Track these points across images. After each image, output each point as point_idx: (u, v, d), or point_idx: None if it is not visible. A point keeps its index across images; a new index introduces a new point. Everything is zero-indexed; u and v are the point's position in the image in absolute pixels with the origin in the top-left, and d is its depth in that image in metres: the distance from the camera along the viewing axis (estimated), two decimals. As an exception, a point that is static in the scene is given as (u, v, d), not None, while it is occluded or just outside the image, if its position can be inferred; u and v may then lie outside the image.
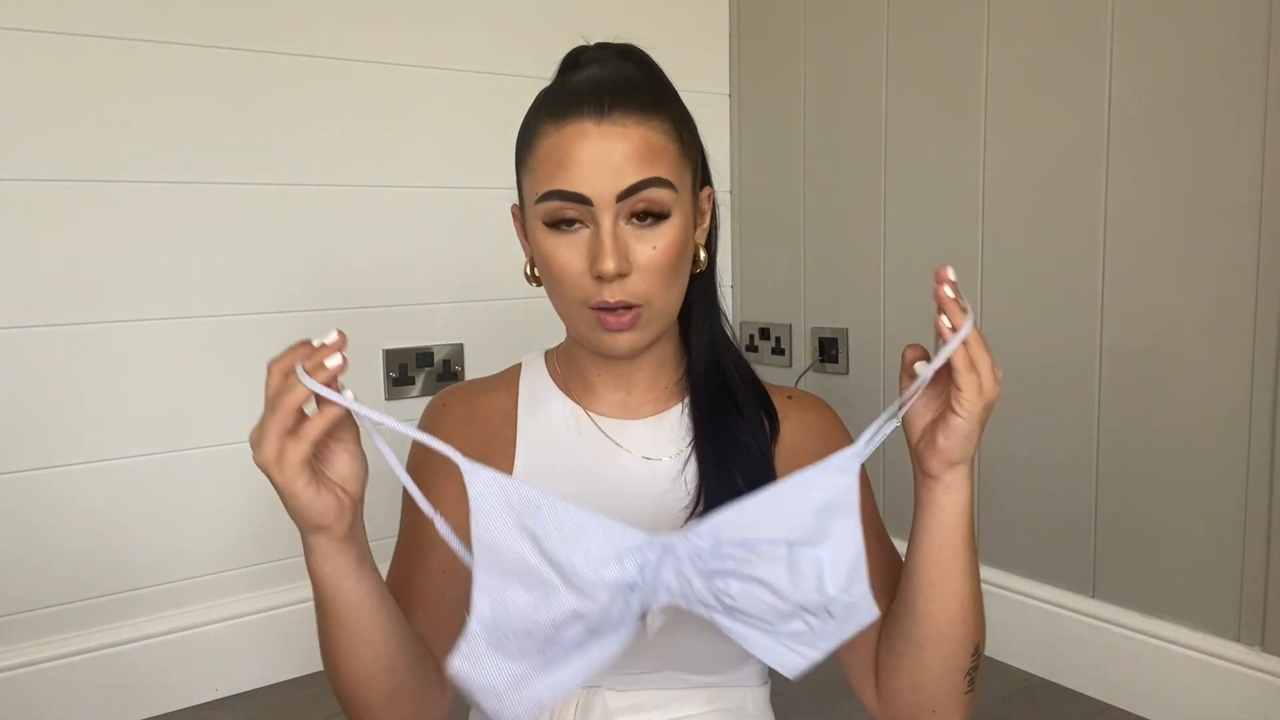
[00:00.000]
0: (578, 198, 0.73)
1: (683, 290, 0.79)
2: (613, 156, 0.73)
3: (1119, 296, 1.58)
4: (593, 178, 0.72)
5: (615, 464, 0.83)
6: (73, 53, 1.53)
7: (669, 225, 0.75)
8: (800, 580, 0.63)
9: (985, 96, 1.75)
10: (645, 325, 0.77)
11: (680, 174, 0.76)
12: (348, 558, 0.70)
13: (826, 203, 2.08)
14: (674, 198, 0.75)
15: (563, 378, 0.88)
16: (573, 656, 0.63)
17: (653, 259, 0.75)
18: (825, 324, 2.10)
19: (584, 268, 0.75)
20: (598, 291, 0.75)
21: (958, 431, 0.66)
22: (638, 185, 0.73)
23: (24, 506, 1.55)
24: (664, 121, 0.76)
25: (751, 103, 2.24)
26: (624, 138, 0.73)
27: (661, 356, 0.85)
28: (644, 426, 0.84)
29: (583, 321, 0.77)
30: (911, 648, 0.74)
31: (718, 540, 0.62)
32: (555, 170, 0.74)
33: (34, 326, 1.53)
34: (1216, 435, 1.47)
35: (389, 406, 1.84)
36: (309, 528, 0.68)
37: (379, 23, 1.80)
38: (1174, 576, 1.54)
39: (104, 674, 1.61)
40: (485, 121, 1.89)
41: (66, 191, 1.54)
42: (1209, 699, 1.49)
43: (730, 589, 0.63)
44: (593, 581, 0.61)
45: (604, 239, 0.73)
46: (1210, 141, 1.45)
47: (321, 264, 1.78)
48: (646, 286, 0.75)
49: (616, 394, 0.85)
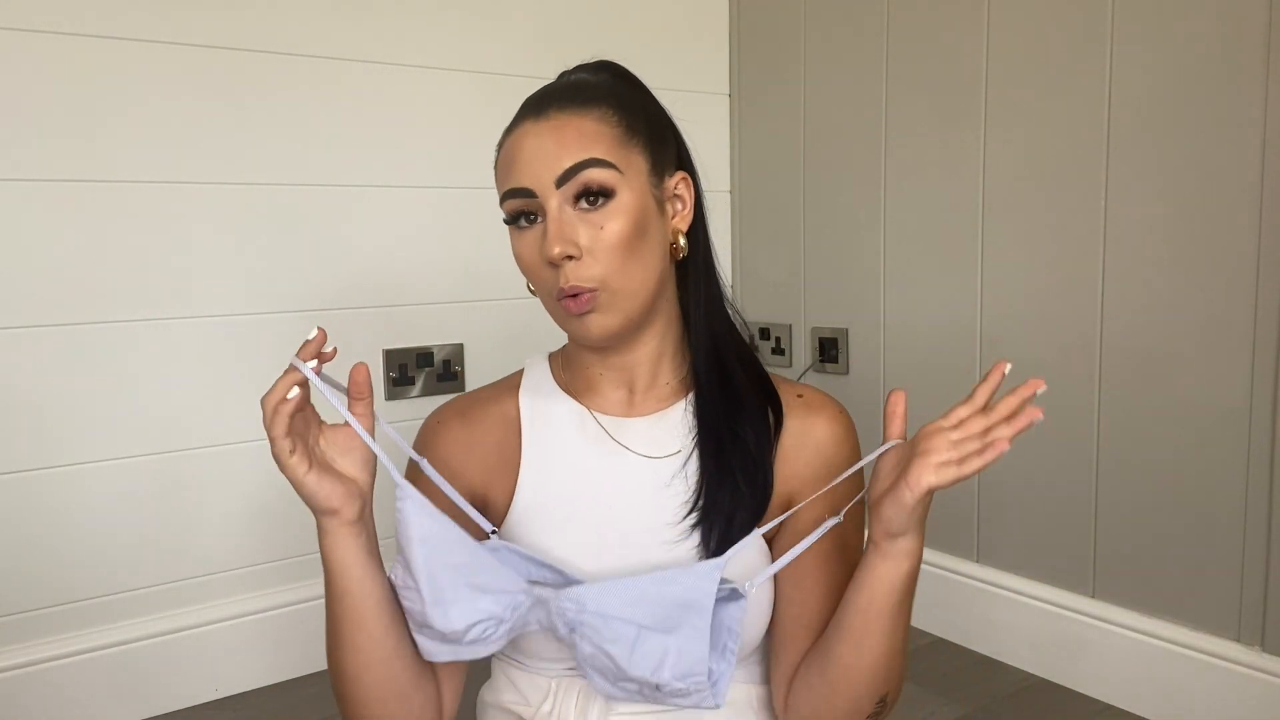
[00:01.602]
0: (522, 191, 0.77)
1: (649, 273, 0.79)
2: (547, 146, 0.76)
3: (1119, 296, 1.58)
4: (532, 169, 0.76)
5: (617, 462, 0.84)
6: (73, 53, 1.53)
7: (616, 205, 0.76)
8: (639, 661, 0.71)
9: (985, 96, 1.74)
10: (607, 308, 0.77)
11: (624, 155, 0.77)
12: (357, 543, 0.76)
13: (826, 203, 2.08)
14: (617, 178, 0.76)
15: (566, 379, 0.89)
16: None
17: (600, 239, 0.76)
18: (825, 324, 2.10)
19: (542, 258, 0.77)
20: (556, 279, 0.77)
21: (901, 505, 0.69)
22: (573, 168, 0.75)
23: (24, 506, 1.55)
24: (601, 109, 0.78)
25: (751, 103, 2.24)
26: (557, 129, 0.76)
27: (661, 351, 0.85)
28: (646, 424, 0.85)
29: (557, 314, 0.80)
30: (823, 684, 0.78)
31: (581, 607, 0.72)
32: (505, 173, 0.79)
33: (34, 326, 1.53)
34: (1216, 435, 1.47)
35: (389, 407, 1.84)
36: (317, 510, 0.75)
37: (379, 23, 1.80)
38: (1174, 576, 1.54)
39: (104, 674, 1.61)
40: (485, 121, 1.87)
41: (66, 191, 1.54)
42: (1209, 699, 1.49)
43: (581, 648, 0.73)
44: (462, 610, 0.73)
45: (549, 225, 0.76)
46: (1210, 141, 1.44)
47: (322, 264, 1.78)
48: (600, 268, 0.76)
49: (619, 392, 0.86)
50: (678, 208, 0.83)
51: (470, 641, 0.74)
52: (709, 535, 0.80)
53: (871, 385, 2.01)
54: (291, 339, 1.75)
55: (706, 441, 0.82)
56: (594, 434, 0.85)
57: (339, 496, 0.74)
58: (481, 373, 1.93)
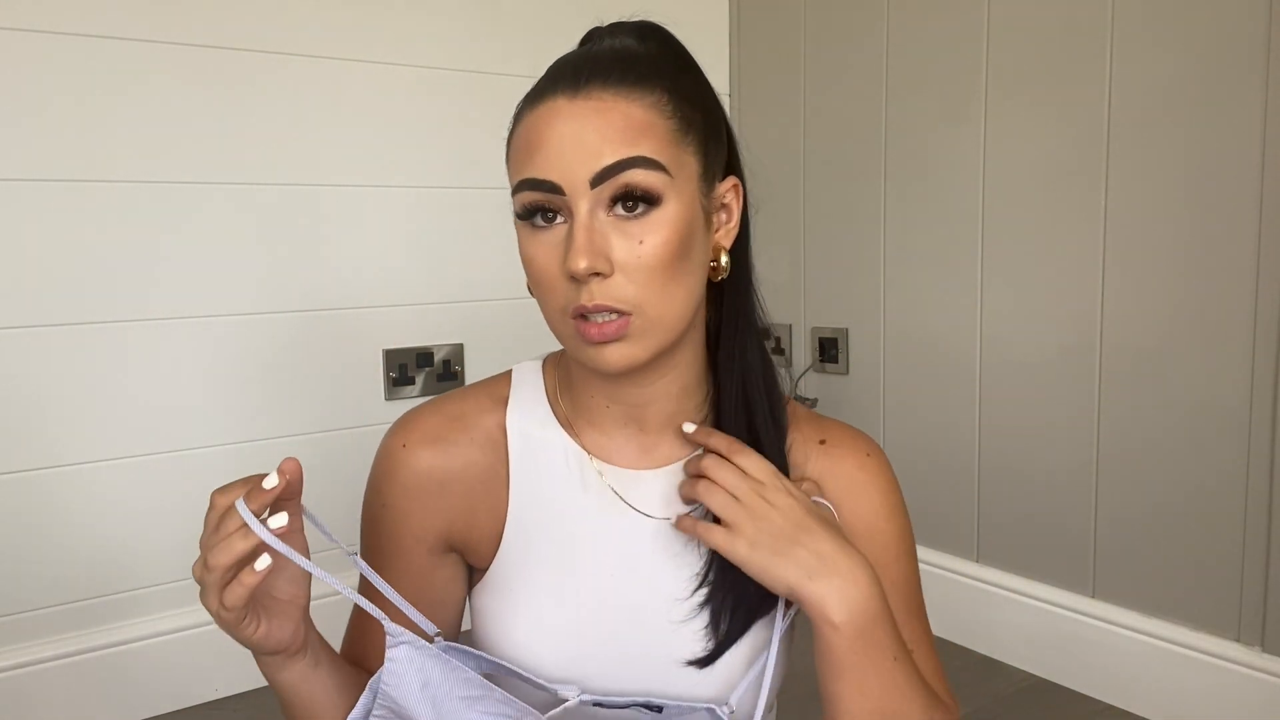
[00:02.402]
0: (545, 185, 0.62)
1: (690, 298, 0.66)
2: (585, 134, 0.61)
3: (1119, 296, 1.58)
4: (563, 162, 0.61)
5: (621, 525, 0.71)
6: (73, 53, 1.53)
7: (661, 216, 0.62)
8: None
9: (985, 96, 1.75)
10: (639, 336, 0.63)
11: (676, 155, 0.63)
12: (303, 664, 0.65)
13: (826, 203, 2.08)
14: (666, 183, 0.62)
15: (563, 406, 0.74)
16: None
17: (639, 256, 0.62)
18: (825, 324, 2.10)
19: (559, 269, 0.63)
20: (576, 295, 0.63)
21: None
22: (615, 166, 0.61)
23: (24, 506, 1.55)
24: (653, 94, 0.63)
25: (751, 103, 2.24)
26: (599, 113, 0.62)
27: (682, 385, 0.71)
28: (658, 478, 0.72)
29: (567, 334, 0.66)
30: None
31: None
32: (526, 157, 0.64)
33: (34, 326, 1.53)
34: (1216, 435, 1.47)
35: (389, 406, 1.84)
36: (262, 653, 0.63)
37: (379, 23, 1.80)
38: (1174, 576, 1.54)
39: (104, 674, 1.61)
40: (485, 122, 1.89)
41: (66, 191, 1.54)
42: (1209, 699, 1.49)
43: None
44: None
45: (576, 232, 0.61)
46: (1210, 141, 1.44)
47: (322, 264, 1.78)
48: (635, 289, 0.62)
49: (627, 430, 0.72)
50: (722, 219, 0.70)
51: None
52: (719, 617, 0.69)
53: (871, 386, 2.01)
54: (292, 339, 1.75)
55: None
56: (594, 486, 0.71)
57: (286, 636, 0.62)
58: (481, 373, 1.92)
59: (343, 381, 1.81)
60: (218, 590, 0.58)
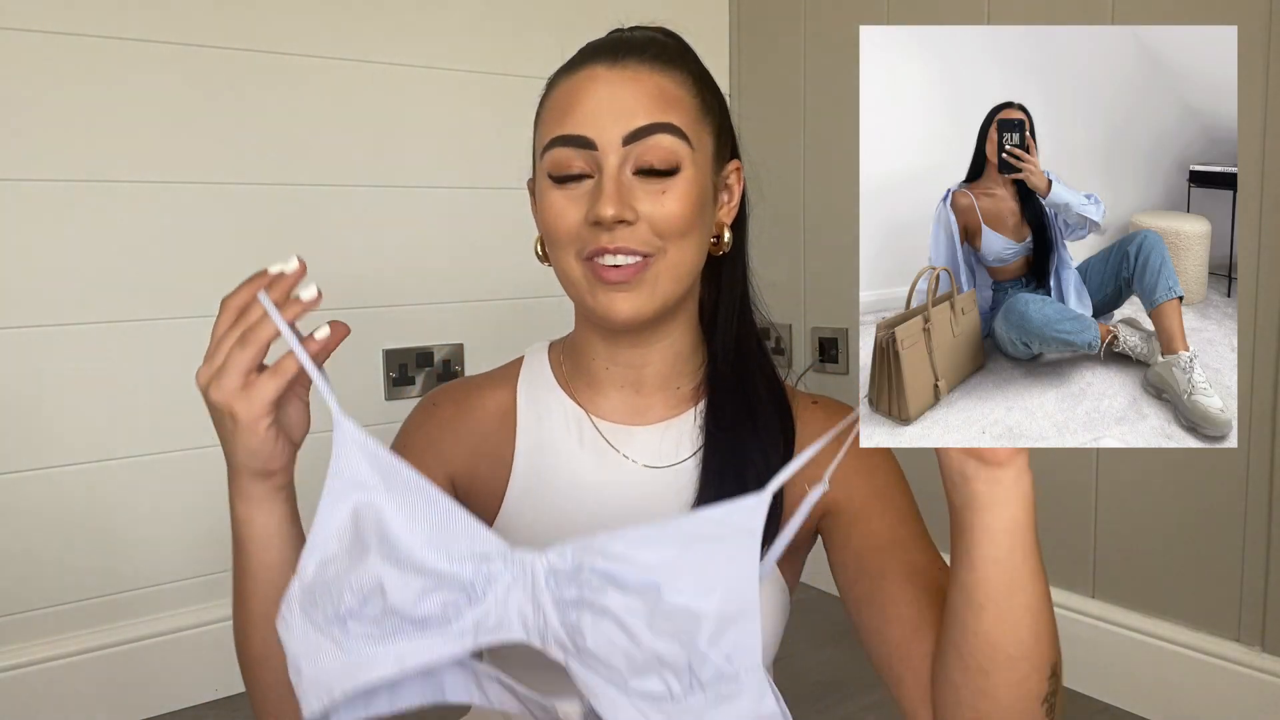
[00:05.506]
0: (581, 141, 0.68)
1: (698, 258, 0.72)
2: (622, 97, 0.68)
3: (1119, 296, 1.58)
4: (599, 120, 0.67)
5: (616, 473, 0.77)
6: (73, 53, 1.53)
7: (679, 182, 0.69)
8: (664, 626, 0.51)
9: (985, 96, 1.74)
10: (652, 283, 0.69)
11: (697, 131, 0.70)
12: (283, 509, 0.67)
13: (826, 202, 2.08)
14: (688, 153, 0.69)
15: (566, 374, 0.81)
16: (377, 641, 0.56)
17: (662, 210, 0.68)
18: (825, 324, 2.10)
19: (582, 218, 0.68)
20: (595, 238, 0.68)
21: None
22: (647, 128, 0.67)
23: (24, 506, 1.55)
24: (682, 74, 0.71)
25: (751, 103, 2.24)
26: (636, 80, 0.68)
27: (677, 350, 0.78)
28: (651, 433, 0.77)
29: (580, 282, 0.70)
30: (974, 677, 0.61)
31: (579, 564, 0.53)
32: (561, 116, 0.69)
33: (33, 326, 1.53)
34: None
35: (389, 407, 1.84)
36: (253, 472, 0.64)
37: (379, 23, 1.80)
38: (1174, 576, 1.54)
39: (104, 674, 1.60)
40: (485, 121, 1.89)
41: (66, 191, 1.54)
42: (1209, 699, 1.49)
43: (583, 624, 0.53)
44: (418, 561, 0.55)
45: (605, 183, 0.67)
46: (1210, 141, 1.44)
47: (322, 264, 1.77)
48: (656, 236, 0.68)
49: (624, 392, 0.78)
50: (725, 199, 0.77)
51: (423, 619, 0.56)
52: None
53: (871, 385, 2.01)
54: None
55: (711, 457, 0.75)
56: (591, 440, 0.77)
57: (282, 457, 0.64)
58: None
59: (343, 381, 1.81)
60: (239, 377, 0.60)
